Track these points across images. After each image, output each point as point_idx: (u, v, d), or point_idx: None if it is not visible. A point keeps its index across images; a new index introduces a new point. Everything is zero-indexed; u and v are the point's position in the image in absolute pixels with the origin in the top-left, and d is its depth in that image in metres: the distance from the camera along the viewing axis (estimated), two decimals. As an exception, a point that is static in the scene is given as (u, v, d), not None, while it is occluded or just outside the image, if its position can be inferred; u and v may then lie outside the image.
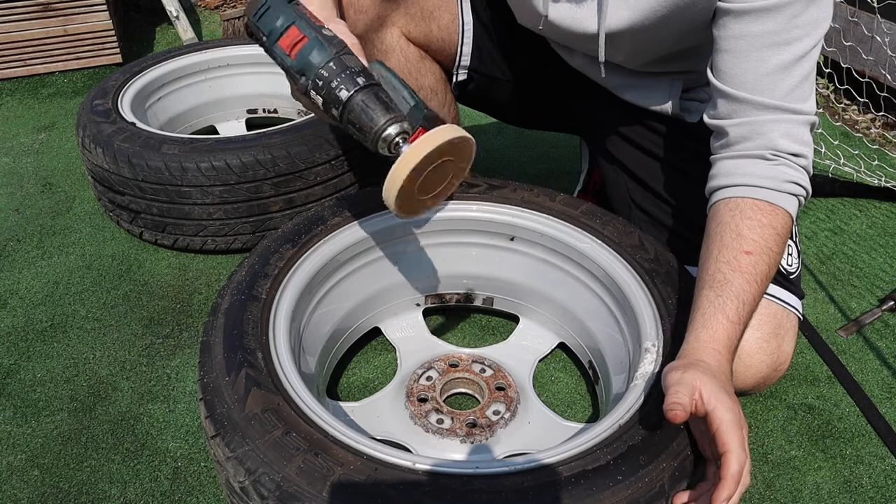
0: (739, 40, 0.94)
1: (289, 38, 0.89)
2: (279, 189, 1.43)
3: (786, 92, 0.94)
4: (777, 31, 0.92)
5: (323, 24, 0.90)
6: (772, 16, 0.92)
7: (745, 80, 0.95)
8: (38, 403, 1.21)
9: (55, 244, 1.59)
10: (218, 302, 0.99)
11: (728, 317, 0.88)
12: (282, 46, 0.89)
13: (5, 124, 2.10)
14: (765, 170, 0.94)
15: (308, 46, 0.87)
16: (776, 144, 0.95)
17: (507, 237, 1.21)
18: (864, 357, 1.31)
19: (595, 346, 1.16)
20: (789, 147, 0.95)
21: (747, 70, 0.95)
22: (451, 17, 1.28)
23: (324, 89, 0.86)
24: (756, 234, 0.92)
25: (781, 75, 0.94)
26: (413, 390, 1.14)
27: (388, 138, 0.84)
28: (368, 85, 0.86)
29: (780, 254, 0.94)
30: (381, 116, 0.84)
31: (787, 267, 1.17)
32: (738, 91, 0.96)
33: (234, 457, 0.79)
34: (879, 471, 1.11)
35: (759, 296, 0.91)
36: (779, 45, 0.92)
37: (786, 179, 0.94)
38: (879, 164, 1.83)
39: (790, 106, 0.94)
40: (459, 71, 1.33)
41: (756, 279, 0.91)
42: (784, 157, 0.95)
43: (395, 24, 1.25)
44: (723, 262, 0.91)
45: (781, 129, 0.94)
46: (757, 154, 0.95)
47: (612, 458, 0.79)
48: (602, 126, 1.34)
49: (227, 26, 2.53)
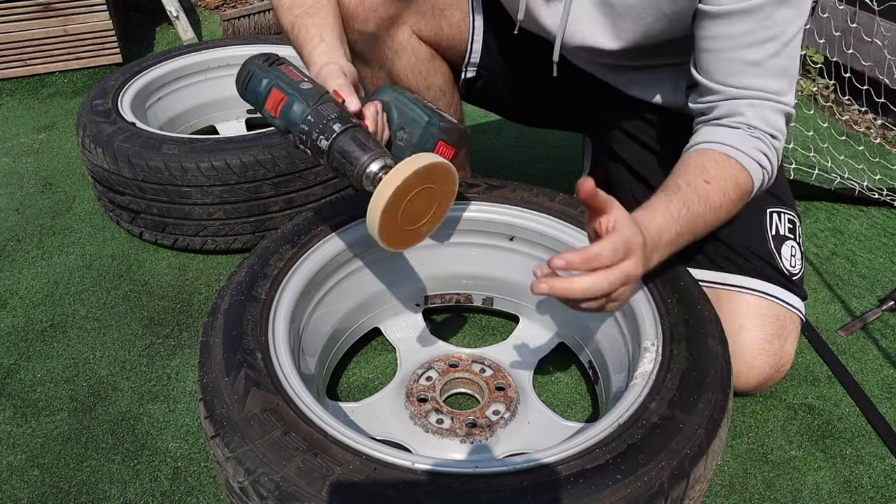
0: (716, 40, 1.00)
1: (272, 101, 0.93)
2: (279, 189, 1.44)
3: (762, 84, 1.00)
4: (751, 32, 0.97)
5: (302, 79, 0.93)
6: (744, 18, 0.96)
7: (724, 75, 1.01)
8: (38, 403, 1.21)
9: (55, 244, 1.59)
10: (217, 302, 1.00)
11: (670, 212, 0.91)
12: (268, 109, 0.94)
13: (5, 124, 2.10)
14: (741, 137, 1.00)
15: (287, 105, 0.91)
16: (753, 123, 1.00)
17: (506, 237, 1.21)
18: (864, 357, 1.31)
19: (595, 345, 1.16)
20: (765, 128, 1.00)
21: (725, 67, 1.00)
22: (461, 15, 1.28)
23: (307, 142, 0.89)
24: (719, 174, 0.97)
25: (758, 70, 0.99)
26: (413, 390, 1.14)
27: (371, 176, 0.86)
28: (344, 129, 0.88)
29: (734, 206, 0.99)
30: (360, 157, 0.86)
31: (790, 268, 1.17)
32: (718, 85, 1.01)
33: (233, 457, 0.79)
34: (879, 471, 1.11)
35: (706, 222, 0.95)
36: (753, 45, 0.98)
37: (758, 149, 0.99)
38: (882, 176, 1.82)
39: (766, 95, 1.00)
40: (468, 68, 1.33)
41: (707, 204, 0.95)
42: (761, 132, 1.00)
43: (405, 23, 1.25)
44: (682, 180, 0.96)
45: (758, 112, 1.00)
46: (735, 125, 1.01)
47: (611, 457, 0.79)
48: (607, 124, 1.34)
49: (227, 26, 2.54)
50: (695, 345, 0.94)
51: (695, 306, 1.00)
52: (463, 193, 1.20)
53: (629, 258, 0.81)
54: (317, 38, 1.04)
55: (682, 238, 0.94)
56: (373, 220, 0.82)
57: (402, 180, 0.80)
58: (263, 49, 1.88)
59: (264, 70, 0.96)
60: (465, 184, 1.22)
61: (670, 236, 0.92)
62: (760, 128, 1.00)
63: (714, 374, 0.90)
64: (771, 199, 1.21)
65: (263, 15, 2.58)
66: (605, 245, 0.79)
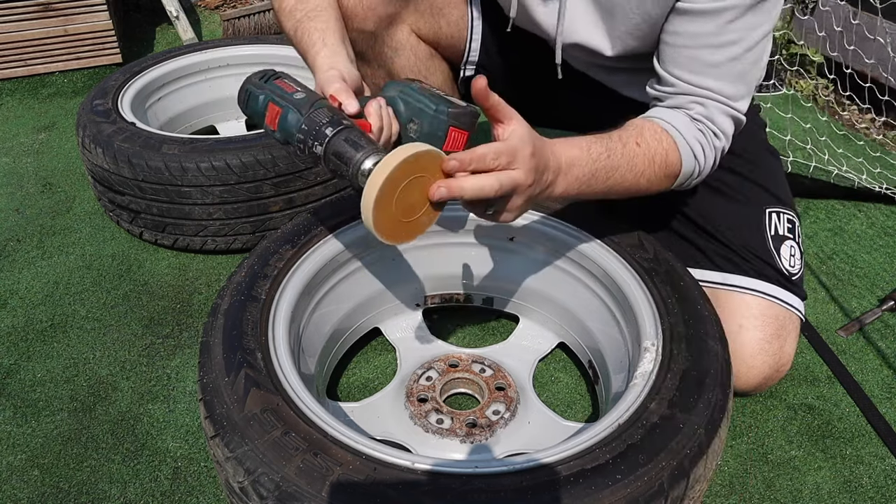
0: (678, 36, 1.01)
1: (270, 115, 0.95)
2: (279, 189, 1.44)
3: (716, 86, 1.01)
4: (712, 34, 0.98)
5: (296, 90, 0.94)
6: (707, 19, 0.97)
7: (681, 70, 1.02)
8: (38, 403, 1.21)
9: (55, 244, 1.59)
10: (217, 302, 1.00)
11: (590, 151, 0.93)
12: (267, 124, 0.95)
13: (5, 124, 2.10)
14: (686, 123, 1.01)
15: (282, 117, 0.92)
16: (699, 118, 1.02)
17: (506, 237, 1.21)
18: (864, 357, 1.31)
19: (595, 345, 1.16)
20: (710, 125, 1.02)
21: (683, 63, 1.02)
22: (460, 14, 1.28)
23: (305, 151, 0.90)
24: (652, 143, 0.98)
25: (714, 71, 1.00)
26: (413, 390, 1.14)
27: (366, 172, 0.86)
28: (337, 132, 0.88)
29: (657, 180, 1.00)
30: (354, 156, 0.86)
31: (789, 268, 1.17)
32: (673, 78, 1.03)
33: (233, 457, 0.79)
34: (879, 471, 1.11)
35: (623, 179, 0.97)
36: (713, 47, 0.99)
37: (697, 139, 1.01)
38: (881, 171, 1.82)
39: (718, 97, 1.01)
40: (467, 67, 1.33)
41: (630, 163, 0.96)
42: (705, 126, 1.02)
43: (404, 21, 1.26)
44: (616, 134, 0.98)
45: (707, 111, 1.02)
46: (683, 107, 1.02)
47: (611, 457, 0.79)
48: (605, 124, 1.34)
49: (227, 26, 2.53)
50: (695, 345, 0.94)
51: (695, 306, 1.00)
52: (463, 193, 1.20)
53: (515, 168, 0.82)
54: (319, 43, 1.04)
55: (595, 181, 0.95)
56: (366, 214, 0.82)
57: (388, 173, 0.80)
58: (263, 49, 1.88)
59: (260, 87, 0.97)
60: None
61: (582, 172, 0.92)
62: (706, 123, 1.02)
63: (714, 374, 0.90)
64: (770, 198, 1.21)
65: (263, 15, 2.58)
66: (489, 147, 0.81)
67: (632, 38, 1.09)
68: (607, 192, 0.98)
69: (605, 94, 1.28)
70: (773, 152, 1.30)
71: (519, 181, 0.82)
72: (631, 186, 0.98)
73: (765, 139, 1.33)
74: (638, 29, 1.07)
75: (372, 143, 0.88)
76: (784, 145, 1.90)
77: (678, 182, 1.03)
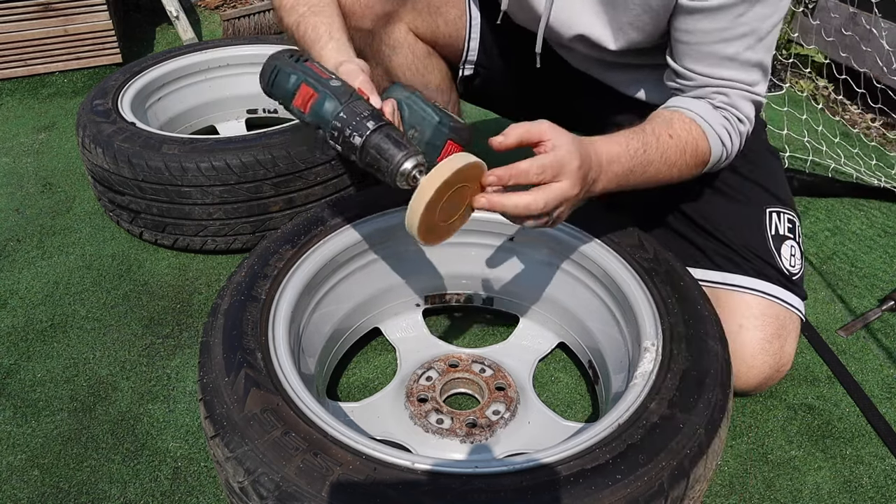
0: (691, 34, 1.02)
1: (301, 97, 0.94)
2: (279, 189, 1.43)
3: (735, 76, 1.03)
4: (724, 29, 0.99)
5: (330, 76, 0.95)
6: (718, 15, 0.98)
7: (698, 66, 1.04)
8: (38, 403, 1.21)
9: (55, 244, 1.59)
10: (217, 302, 1.00)
11: (628, 147, 0.95)
12: (296, 105, 0.95)
13: (5, 124, 2.10)
14: (710, 111, 1.03)
15: (318, 101, 0.92)
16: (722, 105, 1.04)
17: (506, 237, 1.21)
18: (864, 357, 1.31)
19: (595, 345, 1.16)
20: (733, 111, 1.04)
21: (699, 59, 1.03)
22: (458, 13, 1.28)
23: (339, 139, 0.91)
24: (682, 133, 1.00)
25: (731, 63, 1.02)
26: (413, 390, 1.14)
27: (406, 173, 0.88)
28: (378, 127, 0.90)
29: (688, 169, 1.02)
30: (396, 154, 0.88)
31: (790, 268, 1.17)
32: (691, 73, 1.04)
33: (233, 457, 0.79)
34: (879, 471, 1.11)
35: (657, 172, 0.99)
36: (727, 41, 1.00)
37: (723, 125, 1.03)
38: (878, 164, 1.83)
39: (738, 85, 1.03)
40: (466, 66, 1.33)
41: (664, 155, 0.98)
42: (729, 112, 1.04)
43: (402, 20, 1.26)
44: (648, 126, 0.99)
45: (729, 98, 1.04)
46: (706, 97, 1.04)
47: (611, 457, 0.79)
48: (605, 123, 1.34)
49: (227, 26, 2.54)
50: (695, 345, 0.94)
51: (695, 306, 1.00)
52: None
53: (561, 179, 0.83)
54: (326, 37, 1.05)
55: (633, 176, 0.97)
56: (412, 219, 0.85)
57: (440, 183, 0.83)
58: (263, 49, 1.88)
59: (291, 66, 0.97)
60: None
61: (621, 168, 0.94)
62: (729, 109, 1.04)
63: (714, 374, 0.90)
64: (770, 198, 1.21)
65: (263, 15, 2.58)
66: (533, 162, 0.82)
67: (633, 28, 1.09)
68: (642, 185, 1.00)
69: (605, 93, 1.28)
70: (774, 152, 1.30)
71: (567, 194, 0.84)
72: (664, 178, 1.01)
73: (765, 139, 1.33)
74: (639, 19, 1.07)
75: (411, 143, 0.91)
76: (783, 144, 1.91)
77: (707, 168, 1.06)
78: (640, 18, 1.07)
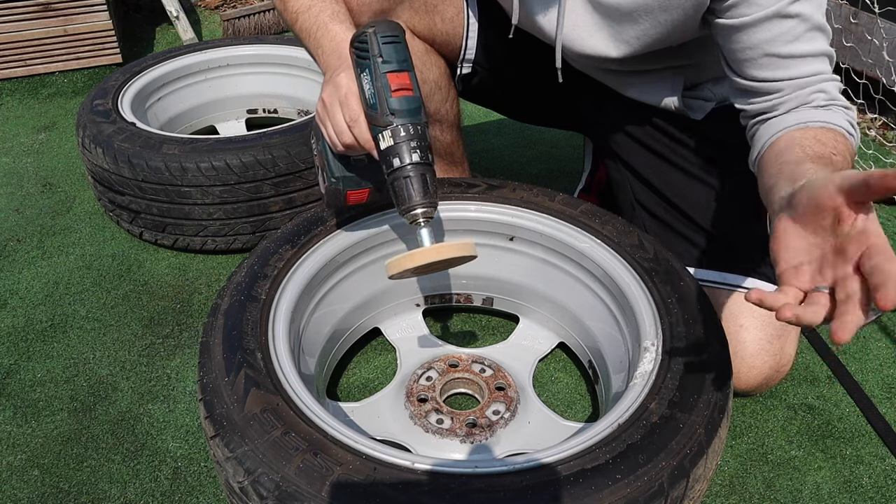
0: (755, 49, 0.98)
1: (399, 79, 0.94)
2: (279, 189, 1.44)
3: (813, 69, 0.97)
4: (787, 31, 0.95)
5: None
6: (773, 21, 0.95)
7: (776, 74, 0.98)
8: (38, 403, 1.21)
9: (55, 244, 1.59)
10: (217, 303, 1.00)
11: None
12: (389, 80, 0.93)
13: (5, 124, 2.10)
14: (828, 115, 0.95)
15: (412, 100, 0.94)
16: (825, 104, 0.97)
17: (506, 237, 1.21)
18: (864, 357, 1.31)
19: (595, 345, 1.16)
20: (838, 102, 0.97)
21: (773, 67, 0.98)
22: (455, 11, 1.28)
23: (395, 139, 0.93)
24: (839, 147, 0.90)
25: (804, 59, 0.97)
26: (413, 390, 1.14)
27: (414, 217, 0.95)
28: (424, 163, 0.94)
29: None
30: (417, 197, 0.93)
31: (790, 268, 1.17)
32: (772, 84, 0.98)
33: (233, 457, 0.79)
34: (879, 471, 1.11)
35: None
36: (791, 41, 0.96)
37: (846, 120, 0.95)
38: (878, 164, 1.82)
39: (821, 77, 0.97)
40: (464, 64, 1.33)
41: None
42: (836, 106, 0.97)
43: (398, 18, 1.25)
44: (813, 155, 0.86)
45: (826, 94, 0.97)
46: (808, 103, 0.97)
47: (610, 457, 0.79)
48: (606, 125, 1.35)
49: (227, 26, 2.54)
50: (695, 345, 0.94)
51: (695, 306, 1.00)
52: (463, 193, 1.20)
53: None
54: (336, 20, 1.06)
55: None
56: (394, 270, 0.92)
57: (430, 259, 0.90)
58: (263, 49, 1.88)
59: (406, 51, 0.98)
60: (465, 184, 1.22)
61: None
62: (836, 103, 0.99)
63: (714, 374, 0.90)
64: None
65: (263, 15, 2.59)
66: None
67: (639, 42, 1.08)
68: None
69: (609, 96, 1.28)
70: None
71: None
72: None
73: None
74: (645, 34, 1.06)
75: (436, 191, 0.95)
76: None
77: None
78: (647, 33, 1.06)
